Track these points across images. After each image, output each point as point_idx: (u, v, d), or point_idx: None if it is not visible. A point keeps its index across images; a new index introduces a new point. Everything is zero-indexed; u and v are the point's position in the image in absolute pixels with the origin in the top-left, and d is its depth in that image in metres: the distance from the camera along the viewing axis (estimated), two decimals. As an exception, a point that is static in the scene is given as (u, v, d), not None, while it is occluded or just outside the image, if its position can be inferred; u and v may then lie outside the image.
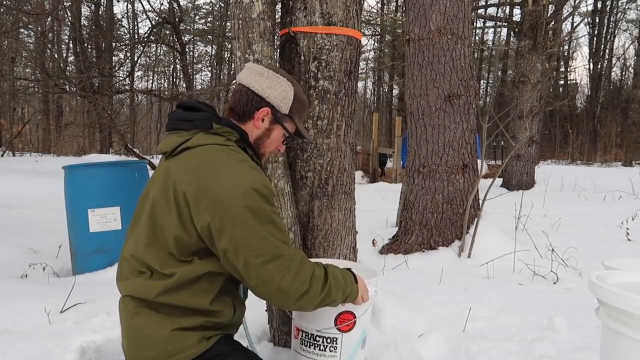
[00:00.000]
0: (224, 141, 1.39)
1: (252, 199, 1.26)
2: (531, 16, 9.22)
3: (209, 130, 1.40)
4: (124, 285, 1.38)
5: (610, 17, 26.50)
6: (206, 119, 1.41)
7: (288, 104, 1.50)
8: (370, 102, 32.06)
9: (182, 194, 1.29)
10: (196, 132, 1.40)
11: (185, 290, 1.31)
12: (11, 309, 2.57)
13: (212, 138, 1.38)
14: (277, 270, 1.27)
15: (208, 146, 1.36)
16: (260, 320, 2.35)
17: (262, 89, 1.46)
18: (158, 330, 1.30)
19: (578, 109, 28.71)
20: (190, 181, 1.28)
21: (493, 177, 4.68)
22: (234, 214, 1.24)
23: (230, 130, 1.42)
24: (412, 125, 4.24)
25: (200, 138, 1.38)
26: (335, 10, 2.05)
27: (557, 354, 2.16)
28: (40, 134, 22.36)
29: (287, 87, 1.49)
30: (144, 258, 1.34)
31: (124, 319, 1.37)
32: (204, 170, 1.29)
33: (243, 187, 1.26)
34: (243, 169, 1.31)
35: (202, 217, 1.26)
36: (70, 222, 3.83)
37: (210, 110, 1.47)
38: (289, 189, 2.06)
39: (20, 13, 11.54)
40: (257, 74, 1.48)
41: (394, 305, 2.46)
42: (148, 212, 1.36)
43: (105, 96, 12.73)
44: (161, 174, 1.39)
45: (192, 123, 1.41)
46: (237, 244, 1.24)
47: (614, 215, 5.48)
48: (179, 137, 1.40)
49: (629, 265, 1.63)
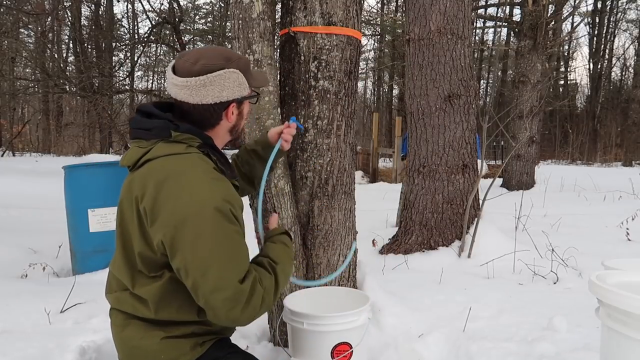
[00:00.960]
0: (185, 149, 1.28)
1: (210, 219, 1.18)
2: (531, 16, 9.21)
3: (168, 138, 1.29)
4: (111, 298, 1.37)
5: (610, 17, 26.50)
6: (164, 127, 1.29)
7: (244, 84, 1.38)
8: (370, 102, 32.05)
9: (143, 210, 1.23)
10: (156, 141, 1.30)
11: (169, 307, 1.28)
12: (11, 309, 2.57)
13: (172, 147, 1.28)
14: (224, 303, 1.18)
15: (168, 157, 1.26)
16: (260, 320, 2.35)
17: (215, 97, 1.32)
18: (149, 340, 1.28)
19: (578, 109, 28.71)
20: (148, 196, 1.22)
21: (493, 177, 4.68)
22: (187, 235, 1.17)
23: (190, 137, 1.31)
24: (412, 125, 4.24)
25: (159, 148, 1.28)
26: (335, 10, 2.05)
27: (557, 354, 2.16)
28: (40, 134, 22.36)
29: (234, 75, 1.34)
30: (120, 276, 1.33)
31: (115, 332, 1.36)
32: (162, 184, 1.21)
33: (201, 205, 1.18)
34: (204, 184, 1.21)
35: (156, 233, 1.20)
36: (70, 222, 3.83)
37: (168, 114, 1.34)
38: (289, 188, 2.06)
39: (20, 13, 11.54)
40: (199, 87, 1.30)
41: (394, 305, 2.46)
42: (119, 228, 1.34)
43: (105, 96, 12.73)
44: (126, 187, 1.33)
45: (151, 132, 1.31)
46: (187, 265, 1.17)
47: (614, 215, 5.48)
48: (139, 149, 1.32)
49: (629, 265, 1.63)
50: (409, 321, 2.41)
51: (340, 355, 1.58)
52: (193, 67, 1.30)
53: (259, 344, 2.23)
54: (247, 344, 2.22)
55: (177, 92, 1.33)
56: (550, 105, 16.46)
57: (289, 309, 1.72)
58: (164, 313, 1.28)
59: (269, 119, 2.01)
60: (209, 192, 1.21)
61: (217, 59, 1.33)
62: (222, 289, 1.18)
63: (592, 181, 9.76)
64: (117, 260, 1.35)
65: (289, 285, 2.08)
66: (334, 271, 2.17)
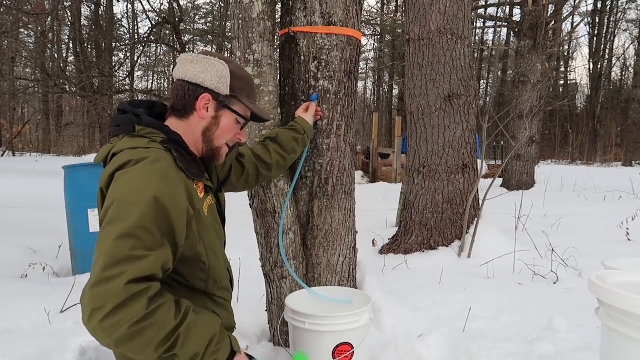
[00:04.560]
0: (147, 144, 1.24)
1: (131, 206, 1.08)
2: (531, 16, 9.22)
3: (132, 133, 1.27)
4: None
5: (610, 17, 26.51)
6: (128, 122, 1.28)
7: (226, 83, 1.34)
8: (370, 102, 32.07)
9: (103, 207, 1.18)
10: (123, 136, 1.29)
11: None
12: (11, 309, 2.57)
13: (134, 141, 1.25)
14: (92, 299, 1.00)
15: (128, 151, 1.22)
16: (260, 320, 2.35)
17: (194, 76, 1.32)
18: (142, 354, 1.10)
19: (578, 109, 28.72)
20: (104, 187, 1.20)
21: (493, 177, 4.68)
22: (109, 216, 1.08)
23: (153, 131, 1.28)
24: (412, 125, 4.24)
25: (123, 143, 1.26)
26: (335, 10, 2.04)
27: (557, 354, 2.16)
28: (40, 134, 22.37)
29: (220, 66, 1.34)
30: None
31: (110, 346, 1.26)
32: (113, 175, 1.17)
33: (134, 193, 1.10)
34: (148, 177, 1.13)
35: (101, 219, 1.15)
36: (70, 222, 3.83)
37: (135, 110, 1.32)
38: (289, 189, 2.06)
39: (20, 13, 11.54)
40: (187, 62, 1.35)
41: (394, 305, 2.46)
42: None
43: (105, 96, 12.74)
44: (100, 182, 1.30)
45: (119, 128, 1.29)
46: (98, 239, 1.08)
47: (614, 215, 5.48)
48: (109, 145, 1.30)
49: (629, 265, 1.63)
50: (409, 321, 2.41)
51: (341, 356, 1.58)
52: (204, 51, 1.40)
53: (259, 344, 2.23)
54: (247, 344, 2.22)
55: (176, 67, 1.38)
56: (550, 105, 16.47)
57: (290, 309, 1.72)
58: None
59: (269, 119, 2.01)
60: (149, 184, 1.11)
61: (216, 54, 1.38)
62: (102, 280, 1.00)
63: (592, 181, 9.77)
64: None
65: (291, 285, 2.08)
66: (334, 271, 2.17)
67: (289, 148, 1.87)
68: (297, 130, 1.90)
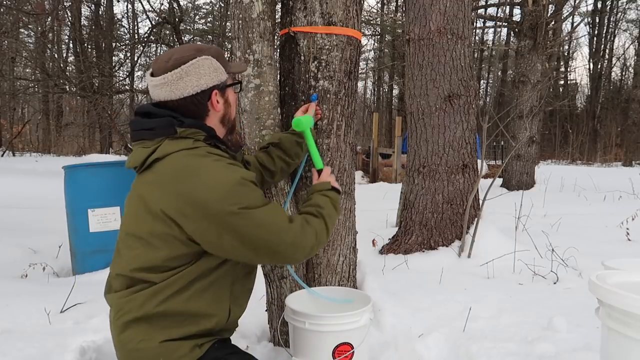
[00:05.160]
0: (193, 144, 1.30)
1: (240, 194, 1.24)
2: (531, 16, 9.22)
3: (173, 135, 1.31)
4: (111, 298, 1.37)
5: (610, 17, 26.52)
6: (168, 125, 1.31)
7: (220, 69, 1.40)
8: (370, 102, 32.06)
9: (160, 210, 1.25)
10: (161, 140, 1.31)
11: (179, 297, 1.29)
12: (11, 309, 2.57)
13: (179, 143, 1.29)
14: (286, 246, 1.31)
15: (177, 154, 1.28)
16: (260, 320, 2.35)
17: (197, 85, 1.34)
18: (148, 343, 1.28)
19: (578, 109, 28.73)
20: (168, 195, 1.24)
21: (493, 177, 4.68)
22: (226, 218, 1.22)
23: (196, 131, 1.33)
24: (412, 125, 4.24)
25: (166, 146, 1.29)
26: (335, 10, 2.04)
27: (557, 353, 2.16)
28: (40, 134, 22.36)
29: (206, 61, 1.36)
30: (133, 274, 1.31)
31: (114, 334, 1.35)
32: (180, 180, 1.24)
33: (227, 186, 1.23)
34: (221, 169, 1.26)
35: (193, 226, 1.23)
36: (70, 222, 3.83)
37: (170, 112, 1.34)
38: (289, 188, 2.05)
39: (20, 13, 11.54)
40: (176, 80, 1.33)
41: (394, 305, 2.46)
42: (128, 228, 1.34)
43: (105, 96, 12.73)
44: (136, 188, 1.34)
45: (154, 131, 1.32)
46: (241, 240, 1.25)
47: (614, 215, 5.48)
48: (144, 149, 1.32)
49: (629, 265, 1.63)
50: (409, 321, 2.41)
51: (341, 356, 1.58)
52: (167, 64, 1.34)
53: (259, 344, 2.23)
54: (247, 344, 2.22)
55: (159, 92, 1.35)
56: (550, 105, 16.47)
57: (290, 309, 1.72)
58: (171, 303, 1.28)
59: (269, 119, 2.01)
60: (230, 172, 1.26)
61: (188, 51, 1.36)
62: (279, 234, 1.28)
63: (592, 181, 9.77)
64: (125, 259, 1.34)
65: (290, 285, 2.08)
66: (333, 271, 2.17)
67: (293, 153, 1.85)
68: (299, 134, 1.88)
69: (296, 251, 1.33)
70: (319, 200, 1.54)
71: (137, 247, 1.31)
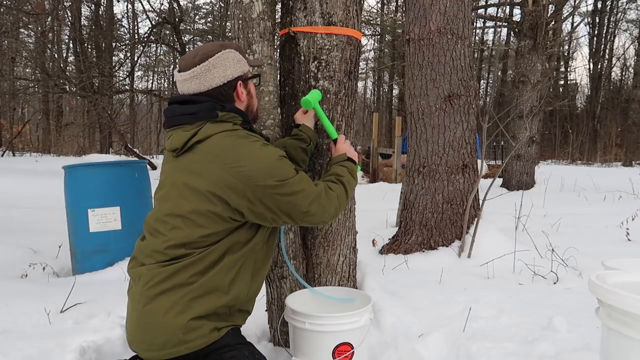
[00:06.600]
0: (232, 127, 1.42)
1: (279, 168, 1.38)
2: (531, 16, 9.21)
3: (215, 119, 1.42)
4: (140, 271, 1.40)
5: (610, 17, 26.51)
6: (210, 109, 1.42)
7: (243, 61, 1.54)
8: (370, 102, 32.07)
9: (205, 189, 1.34)
10: (202, 123, 1.41)
11: (211, 270, 1.37)
12: (11, 309, 2.57)
13: (220, 126, 1.41)
14: (314, 207, 1.44)
15: (219, 134, 1.39)
16: (260, 320, 2.35)
17: (224, 76, 1.47)
18: (175, 317, 1.32)
19: (578, 109, 28.72)
20: (214, 172, 1.34)
21: (493, 177, 4.68)
22: (268, 189, 1.35)
23: (234, 115, 1.45)
24: (412, 125, 4.24)
25: (208, 129, 1.40)
26: (335, 10, 2.04)
27: (557, 353, 2.16)
28: (40, 134, 22.36)
29: (230, 54, 1.50)
30: (168, 250, 1.37)
31: (139, 304, 1.37)
32: (225, 157, 1.35)
33: (269, 162, 1.37)
34: (258, 147, 1.39)
35: (239, 199, 1.35)
36: (70, 222, 3.82)
37: (211, 99, 1.45)
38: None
39: (20, 13, 11.54)
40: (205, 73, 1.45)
41: (394, 305, 2.46)
42: (170, 210, 1.40)
43: (105, 96, 12.74)
44: (173, 171, 1.43)
45: (196, 115, 1.42)
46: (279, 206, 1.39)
47: (614, 215, 5.48)
48: (185, 132, 1.41)
49: (629, 265, 1.63)
50: (409, 321, 2.41)
51: (341, 356, 1.59)
52: (194, 59, 1.46)
53: (259, 344, 2.23)
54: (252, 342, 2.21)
55: (189, 85, 1.46)
56: (550, 105, 16.47)
57: (290, 308, 1.72)
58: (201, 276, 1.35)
59: (269, 119, 2.01)
60: (269, 150, 1.41)
61: (213, 46, 1.50)
62: (308, 198, 1.43)
63: (592, 181, 9.77)
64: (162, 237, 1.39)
65: (290, 285, 2.08)
66: (333, 271, 2.17)
67: (299, 159, 1.88)
68: (304, 140, 1.90)
69: (324, 212, 1.47)
70: (337, 169, 1.68)
71: (178, 225, 1.38)
